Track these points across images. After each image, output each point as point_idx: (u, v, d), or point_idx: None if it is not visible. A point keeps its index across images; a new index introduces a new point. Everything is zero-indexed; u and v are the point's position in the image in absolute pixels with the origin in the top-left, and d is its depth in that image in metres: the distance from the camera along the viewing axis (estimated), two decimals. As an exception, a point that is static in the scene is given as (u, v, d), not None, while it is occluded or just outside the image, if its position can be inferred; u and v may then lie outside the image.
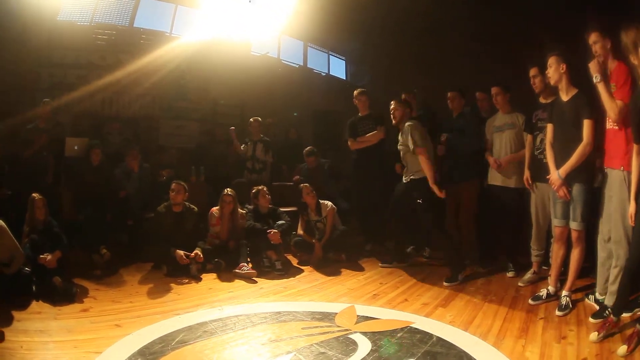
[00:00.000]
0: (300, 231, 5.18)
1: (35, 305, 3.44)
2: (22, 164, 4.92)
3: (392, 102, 4.53)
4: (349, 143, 5.36)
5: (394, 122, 4.53)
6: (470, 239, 4.63)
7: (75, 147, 5.59)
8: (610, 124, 3.16)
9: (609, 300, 3.15)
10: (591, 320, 3.12)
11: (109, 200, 5.08)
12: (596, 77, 3.06)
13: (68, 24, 6.73)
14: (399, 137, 4.49)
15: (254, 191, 5.05)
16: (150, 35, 7.49)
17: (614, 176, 3.12)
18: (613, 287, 3.12)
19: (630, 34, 2.83)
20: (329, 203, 5.18)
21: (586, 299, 3.51)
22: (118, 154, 5.80)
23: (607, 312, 3.09)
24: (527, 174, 4.00)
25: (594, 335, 2.78)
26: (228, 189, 5.01)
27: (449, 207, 4.69)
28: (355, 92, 5.48)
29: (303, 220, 5.20)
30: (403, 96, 4.79)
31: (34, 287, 3.60)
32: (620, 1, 4.33)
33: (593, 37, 3.16)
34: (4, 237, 3.46)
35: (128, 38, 7.26)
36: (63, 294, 3.57)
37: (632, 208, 2.82)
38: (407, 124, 4.35)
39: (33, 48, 6.30)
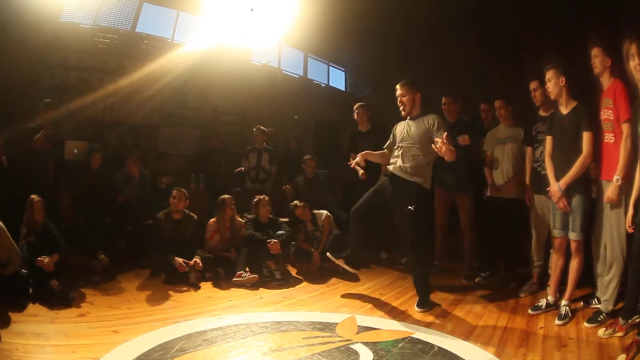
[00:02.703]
0: (299, 242, 5.14)
1: (32, 308, 3.40)
2: (21, 165, 4.88)
3: (397, 87, 3.76)
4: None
5: (403, 112, 3.76)
6: (472, 248, 4.65)
7: (75, 151, 5.58)
8: (606, 137, 3.25)
9: (605, 307, 3.23)
10: (586, 325, 3.18)
11: (108, 204, 5.04)
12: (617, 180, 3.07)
13: (70, 25, 6.70)
14: (407, 131, 3.72)
15: (255, 200, 5.01)
16: (152, 41, 7.48)
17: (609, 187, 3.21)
18: (606, 295, 3.23)
19: (624, 46, 2.95)
20: (324, 212, 5.17)
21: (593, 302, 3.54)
22: (116, 157, 5.75)
23: (601, 316, 3.18)
24: (527, 193, 4.06)
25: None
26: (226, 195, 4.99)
27: (440, 212, 4.73)
28: (354, 107, 5.32)
29: (301, 233, 5.16)
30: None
31: (30, 290, 3.57)
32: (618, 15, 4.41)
33: (595, 51, 3.26)
34: (2, 238, 3.43)
35: (130, 43, 7.24)
36: (60, 298, 3.53)
37: (630, 212, 2.90)
38: (432, 115, 3.68)
39: (34, 48, 6.22)
